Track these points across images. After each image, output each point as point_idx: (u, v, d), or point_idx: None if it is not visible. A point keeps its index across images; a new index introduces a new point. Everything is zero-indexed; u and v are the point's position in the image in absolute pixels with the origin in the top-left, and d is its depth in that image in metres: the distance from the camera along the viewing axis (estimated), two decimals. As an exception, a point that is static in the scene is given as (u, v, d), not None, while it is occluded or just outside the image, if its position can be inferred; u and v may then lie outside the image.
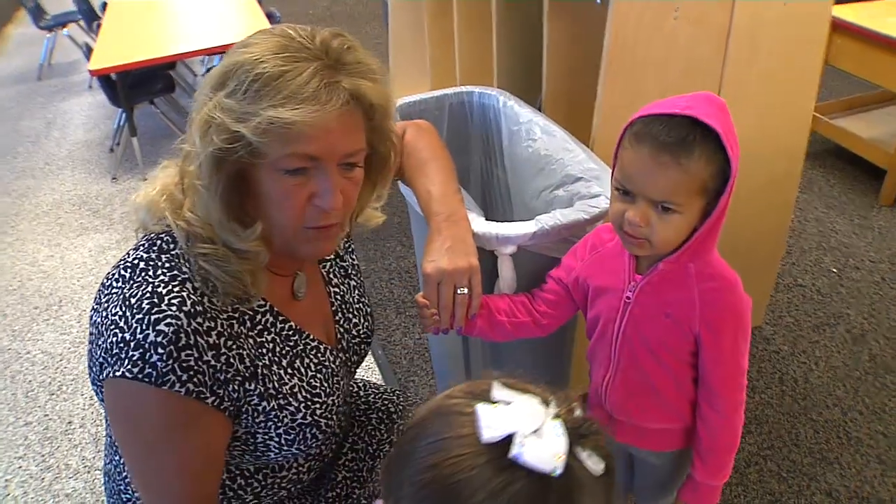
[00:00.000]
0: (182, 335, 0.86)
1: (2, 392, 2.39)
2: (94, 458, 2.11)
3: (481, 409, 0.58)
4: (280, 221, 0.92)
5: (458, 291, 1.13)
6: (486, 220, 1.26)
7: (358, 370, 2.14)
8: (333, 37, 0.90)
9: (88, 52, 3.46)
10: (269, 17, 3.68)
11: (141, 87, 3.62)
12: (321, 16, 5.71)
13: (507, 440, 0.56)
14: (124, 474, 1.07)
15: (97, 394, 0.97)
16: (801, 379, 2.08)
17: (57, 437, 2.19)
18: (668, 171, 0.93)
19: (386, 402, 1.37)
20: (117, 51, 3.41)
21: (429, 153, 1.27)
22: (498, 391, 0.60)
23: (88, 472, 2.06)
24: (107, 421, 1.04)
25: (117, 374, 0.86)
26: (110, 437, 1.09)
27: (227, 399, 0.92)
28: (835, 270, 2.49)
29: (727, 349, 1.07)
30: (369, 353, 2.32)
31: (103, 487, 1.23)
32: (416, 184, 1.25)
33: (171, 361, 0.85)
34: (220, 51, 3.33)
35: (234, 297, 0.93)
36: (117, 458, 1.09)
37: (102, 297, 0.94)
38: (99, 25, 3.85)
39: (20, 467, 2.11)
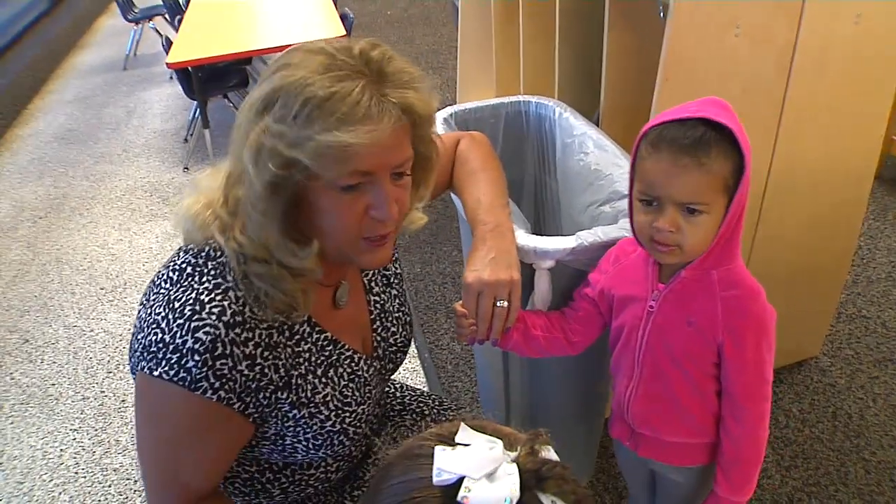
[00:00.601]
0: (219, 344, 0.89)
1: (64, 367, 2.51)
2: (143, 436, 2.19)
3: (438, 451, 0.57)
4: (338, 236, 0.94)
5: (498, 304, 1.13)
6: (538, 232, 1.26)
7: (403, 372, 2.17)
8: (372, 47, 0.90)
9: (168, 45, 3.60)
10: (343, 18, 3.74)
11: (216, 80, 3.74)
12: (398, 17, 5.78)
13: (460, 483, 0.55)
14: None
15: (135, 380, 1.01)
16: (856, 415, 1.99)
17: (111, 413, 2.29)
18: (691, 172, 0.94)
19: (421, 405, 1.38)
20: (195, 45, 3.53)
21: (479, 164, 1.28)
22: (462, 433, 0.59)
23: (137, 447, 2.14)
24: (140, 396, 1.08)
25: (154, 373, 0.90)
26: None
27: (252, 406, 0.95)
28: (904, 304, 2.38)
29: (750, 358, 1.06)
30: (416, 355, 2.36)
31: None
32: (465, 193, 1.25)
33: (205, 369, 0.89)
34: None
35: (280, 312, 0.95)
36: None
37: (151, 293, 0.98)
38: (181, 20, 4.00)
39: (74, 439, 2.21)
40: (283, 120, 0.85)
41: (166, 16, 5.01)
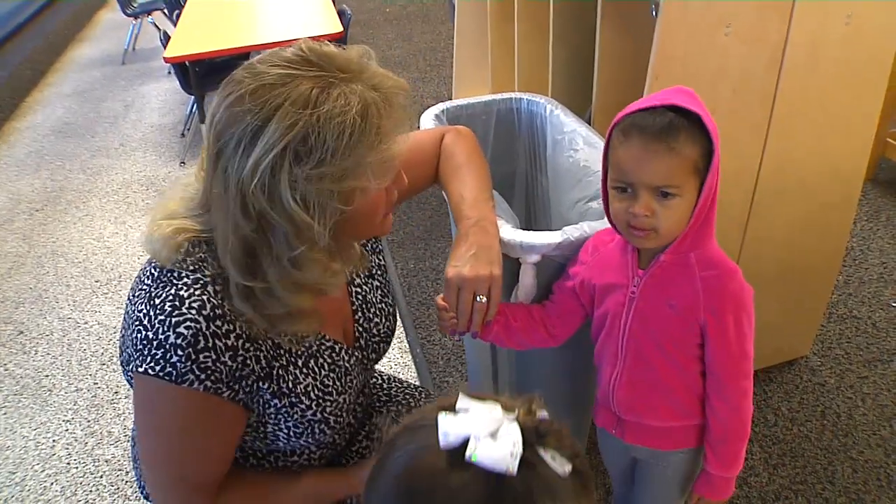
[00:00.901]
0: (200, 338, 0.90)
1: (58, 358, 2.52)
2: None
3: (441, 418, 0.60)
4: (372, 226, 1.00)
5: (477, 299, 1.14)
6: (528, 227, 1.27)
7: (395, 367, 2.18)
8: (311, 48, 0.90)
9: (166, 39, 3.60)
10: (341, 14, 3.74)
11: (213, 75, 3.74)
12: (396, 14, 5.78)
13: (465, 444, 0.57)
14: None
15: (125, 374, 1.04)
16: (845, 415, 2.00)
17: (103, 405, 2.30)
18: (662, 157, 0.97)
19: (407, 397, 1.39)
20: (193, 40, 3.53)
21: (464, 158, 1.28)
22: (461, 401, 0.61)
23: (129, 440, 2.15)
24: (132, 385, 1.10)
25: (140, 369, 0.92)
26: None
27: (241, 392, 0.96)
28: (894, 304, 2.39)
29: (732, 335, 1.08)
30: (408, 350, 2.37)
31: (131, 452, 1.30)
32: (450, 188, 1.26)
33: (189, 363, 0.90)
34: (290, 44, 3.40)
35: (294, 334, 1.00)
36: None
37: (136, 289, 1.00)
38: (179, 15, 4.00)
39: (67, 430, 2.22)
40: (322, 162, 0.84)
41: (165, 10, 5.01)
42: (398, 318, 1.36)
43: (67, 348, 2.56)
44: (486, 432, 0.57)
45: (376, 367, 1.30)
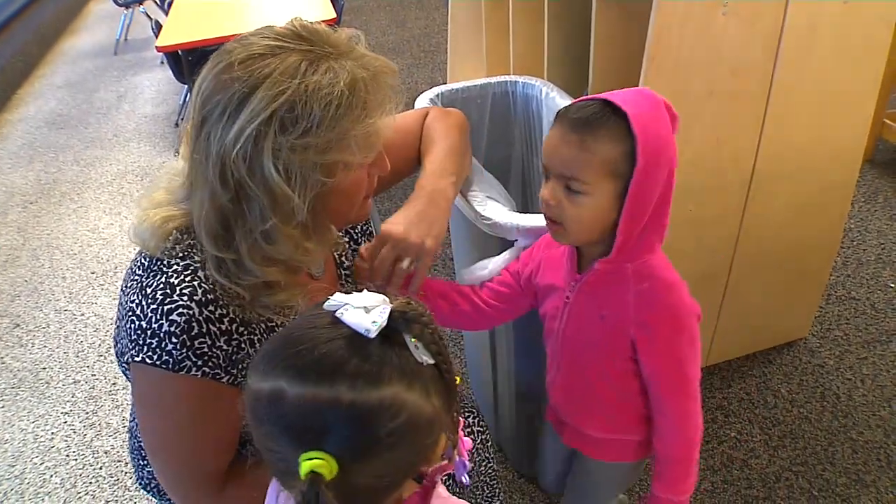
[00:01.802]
0: (194, 324, 0.90)
1: (55, 350, 2.51)
2: (133, 419, 2.19)
3: (333, 296, 0.67)
4: (353, 208, 0.98)
5: (401, 264, 1.08)
6: (524, 211, 1.26)
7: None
8: (300, 24, 0.90)
9: (158, 28, 3.57)
10: (334, 1, 3.71)
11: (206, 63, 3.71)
12: (390, 2, 5.74)
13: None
14: None
15: (120, 366, 1.03)
16: (845, 396, 2.00)
17: (101, 396, 2.29)
18: (571, 147, 0.93)
19: None
20: (185, 28, 3.50)
21: (440, 134, 1.27)
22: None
23: (127, 431, 2.14)
24: (128, 377, 1.09)
25: (137, 359, 0.91)
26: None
27: (240, 376, 0.96)
28: (892, 285, 2.38)
29: (664, 351, 1.02)
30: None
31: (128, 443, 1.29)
32: (423, 163, 1.25)
33: (184, 350, 0.90)
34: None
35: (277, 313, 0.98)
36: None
37: (128, 280, 0.99)
38: (171, 3, 3.96)
39: (65, 422, 2.21)
40: (307, 132, 0.84)
41: (156, 0, 4.97)
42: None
43: (64, 340, 2.55)
44: (361, 304, 0.64)
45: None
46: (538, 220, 1.22)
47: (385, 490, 0.68)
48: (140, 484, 1.21)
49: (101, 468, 2.04)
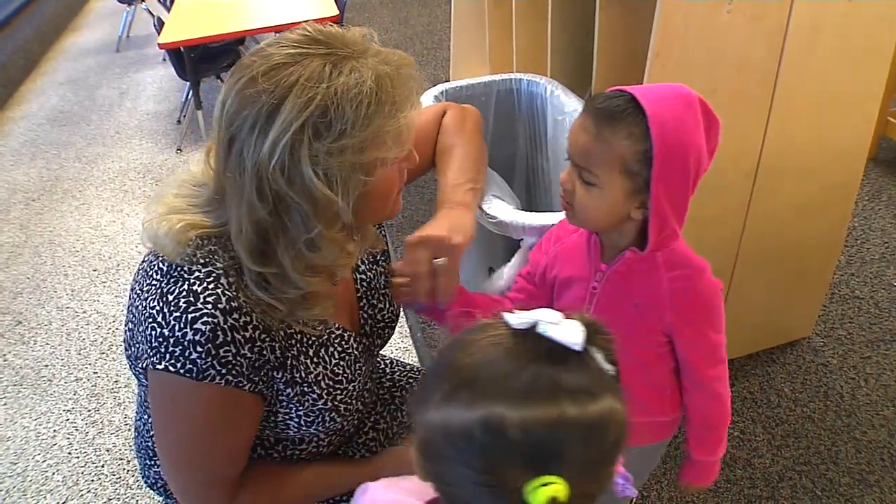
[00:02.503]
0: (220, 332, 0.89)
1: (57, 348, 2.51)
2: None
3: (507, 315, 0.64)
4: (389, 204, 0.98)
5: (435, 261, 1.07)
6: (529, 209, 1.26)
7: (395, 352, 2.17)
8: (317, 29, 0.89)
9: (160, 25, 3.57)
10: (336, -3, 3.71)
11: (208, 61, 3.71)
12: (392, -1, 5.72)
13: (533, 327, 0.62)
14: (153, 432, 1.12)
15: (131, 367, 1.03)
16: (848, 395, 1.99)
17: (104, 394, 2.29)
18: (588, 138, 0.94)
19: (412, 382, 1.38)
20: (187, 25, 3.50)
21: (455, 138, 1.26)
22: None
23: (129, 429, 2.14)
24: (140, 384, 1.08)
25: (159, 367, 0.90)
26: (142, 396, 1.14)
27: (260, 383, 0.95)
28: (896, 285, 2.38)
29: (700, 332, 1.06)
30: (408, 335, 2.36)
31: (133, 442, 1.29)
32: (438, 168, 1.25)
33: (209, 358, 0.89)
34: (286, 28, 3.37)
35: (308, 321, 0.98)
36: (146, 416, 1.13)
37: (144, 283, 0.97)
38: (173, 0, 3.96)
39: (68, 420, 2.21)
40: (343, 134, 0.83)
41: (159, -4, 4.97)
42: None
43: (66, 338, 2.55)
44: (550, 319, 0.62)
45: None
46: (544, 219, 1.22)
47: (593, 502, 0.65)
48: (146, 483, 1.20)
49: (103, 466, 2.04)
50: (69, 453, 2.09)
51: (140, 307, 0.96)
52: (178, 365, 0.89)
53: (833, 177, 1.79)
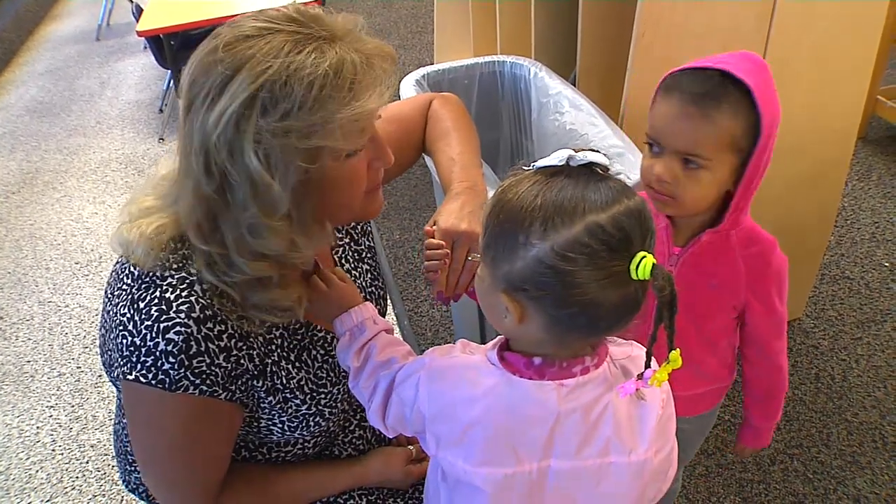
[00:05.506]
0: (192, 343, 0.85)
1: (39, 343, 2.47)
2: (119, 412, 2.16)
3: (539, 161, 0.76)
4: (352, 202, 0.91)
5: (469, 257, 1.05)
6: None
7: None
8: (297, 9, 0.85)
9: (139, 12, 3.50)
10: (318, -19, 3.64)
11: (189, 48, 3.61)
12: (376, -18, 5.65)
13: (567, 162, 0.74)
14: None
15: (107, 372, 0.99)
16: (839, 377, 1.98)
17: (87, 389, 2.25)
18: (695, 122, 0.91)
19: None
20: (166, 12, 3.43)
21: (452, 123, 1.23)
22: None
23: (113, 432, 2.11)
24: (117, 386, 1.05)
25: (130, 377, 0.86)
26: (120, 400, 1.11)
27: (238, 392, 0.92)
28: (887, 265, 2.36)
29: (772, 306, 1.08)
30: (395, 323, 2.33)
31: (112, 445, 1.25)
32: (438, 153, 1.21)
33: (182, 369, 0.85)
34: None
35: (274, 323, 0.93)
36: (125, 420, 1.10)
37: (115, 287, 0.93)
38: (152, -14, 3.88)
39: (51, 416, 2.17)
40: (288, 114, 0.78)
41: (139, -17, 4.88)
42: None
43: (49, 333, 2.51)
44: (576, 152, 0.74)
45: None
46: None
47: None
48: (127, 488, 1.17)
49: (87, 462, 2.01)
50: (53, 450, 2.06)
51: (112, 313, 0.92)
52: (150, 375, 0.85)
53: (823, 155, 1.76)
